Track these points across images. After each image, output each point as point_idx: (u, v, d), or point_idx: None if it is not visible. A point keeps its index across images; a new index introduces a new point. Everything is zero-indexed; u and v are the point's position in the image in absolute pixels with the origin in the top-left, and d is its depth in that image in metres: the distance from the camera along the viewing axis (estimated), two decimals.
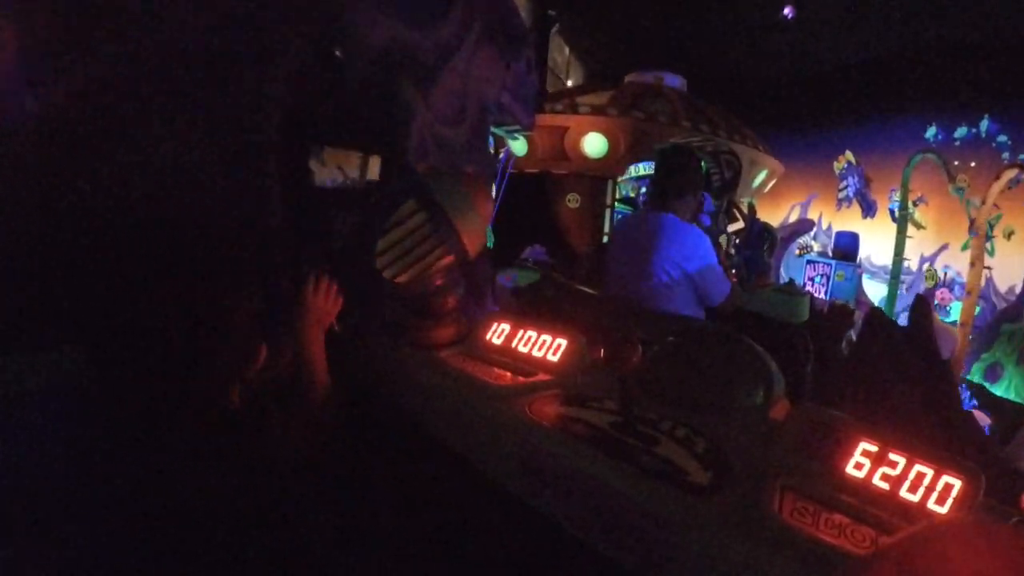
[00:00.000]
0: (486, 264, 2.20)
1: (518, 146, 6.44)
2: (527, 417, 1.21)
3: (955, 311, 7.22)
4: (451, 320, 1.65)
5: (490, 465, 1.26)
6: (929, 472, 0.92)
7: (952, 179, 6.45)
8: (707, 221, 3.39)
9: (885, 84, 8.00)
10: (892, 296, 6.63)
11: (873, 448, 0.98)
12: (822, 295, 6.30)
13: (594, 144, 6.14)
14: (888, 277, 7.93)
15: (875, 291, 7.73)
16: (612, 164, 6.29)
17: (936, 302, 7.45)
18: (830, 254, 6.75)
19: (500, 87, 2.76)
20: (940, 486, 0.91)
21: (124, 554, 0.96)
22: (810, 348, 2.27)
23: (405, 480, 1.51)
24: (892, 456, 0.96)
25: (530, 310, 2.33)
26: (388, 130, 2.10)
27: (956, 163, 6.97)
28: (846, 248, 6.62)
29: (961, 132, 7.32)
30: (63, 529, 0.97)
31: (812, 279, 6.58)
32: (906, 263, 7.04)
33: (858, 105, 8.32)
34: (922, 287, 7.53)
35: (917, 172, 7.28)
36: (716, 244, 2.89)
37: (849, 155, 8.46)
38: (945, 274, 7.31)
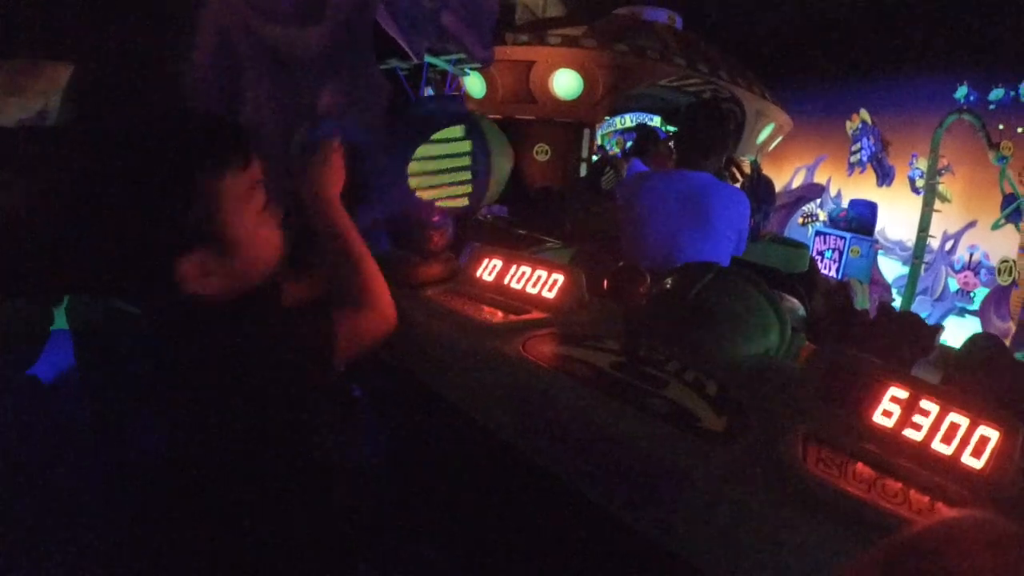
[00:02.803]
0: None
1: (474, 86, 5.32)
2: (521, 356, 1.11)
3: (979, 298, 6.30)
4: (439, 258, 1.55)
5: (480, 410, 1.18)
6: (964, 422, 0.82)
7: (994, 146, 5.44)
8: None
9: (909, 34, 6.86)
10: (914, 278, 5.68)
11: (903, 395, 0.87)
12: (833, 272, 5.32)
13: (566, 82, 4.97)
14: (903, 254, 6.99)
15: (889, 269, 6.78)
16: (589, 108, 5.11)
17: (957, 287, 6.50)
18: (842, 225, 5.76)
19: None
20: (976, 438, 0.80)
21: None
22: (805, 298, 2.17)
23: (390, 423, 1.50)
24: (924, 404, 0.85)
25: None
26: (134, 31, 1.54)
27: (1001, 128, 5.92)
28: (862, 219, 5.62)
29: (997, 94, 6.23)
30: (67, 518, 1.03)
31: (822, 253, 5.58)
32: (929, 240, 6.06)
33: (877, 57, 7.21)
34: (943, 269, 6.56)
35: (945, 137, 6.30)
36: None
37: (864, 114, 7.42)
38: (971, 255, 6.34)
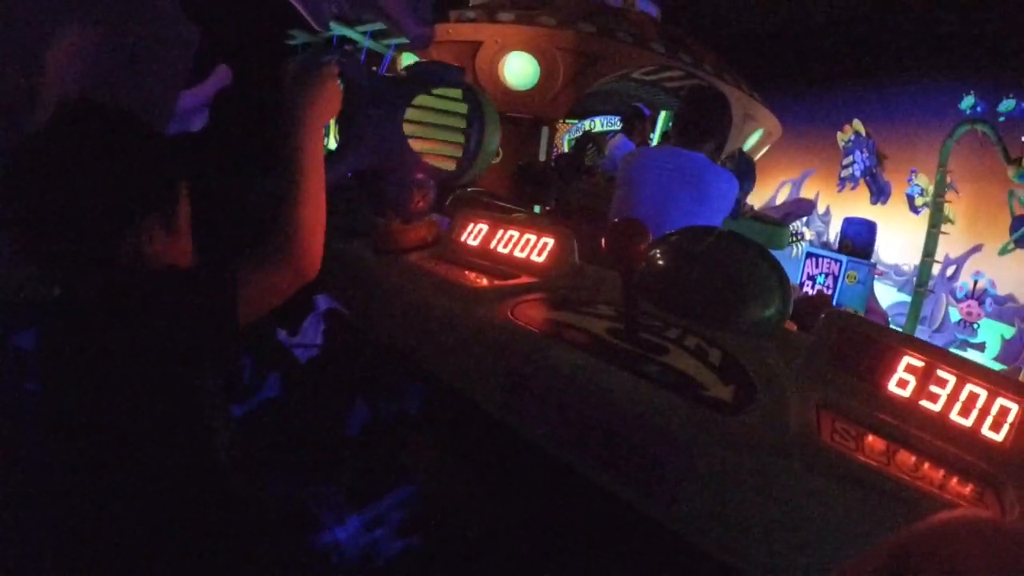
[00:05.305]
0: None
1: None
2: (510, 322, 1.06)
3: (984, 330, 5.64)
4: (421, 222, 1.52)
5: (465, 380, 1.11)
6: (982, 393, 0.82)
7: (1014, 162, 4.78)
8: None
9: (910, 37, 6.30)
10: (916, 307, 5.00)
11: (919, 364, 0.87)
12: None
13: (519, 68, 4.17)
14: (899, 279, 6.34)
15: (883, 296, 6.12)
16: (546, 101, 4.32)
17: (959, 317, 5.84)
18: (836, 247, 5.07)
19: None
20: (995, 410, 0.80)
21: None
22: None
23: (370, 393, 1.44)
24: (940, 374, 0.85)
25: None
26: None
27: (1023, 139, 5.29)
28: (858, 241, 4.94)
29: (1007, 106, 5.59)
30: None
31: (813, 278, 4.89)
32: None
33: (873, 63, 6.63)
34: (944, 296, 5.89)
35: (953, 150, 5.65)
36: None
37: (858, 125, 6.80)
38: (976, 282, 5.68)
